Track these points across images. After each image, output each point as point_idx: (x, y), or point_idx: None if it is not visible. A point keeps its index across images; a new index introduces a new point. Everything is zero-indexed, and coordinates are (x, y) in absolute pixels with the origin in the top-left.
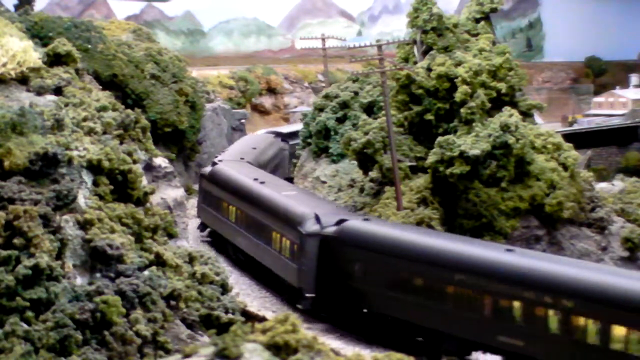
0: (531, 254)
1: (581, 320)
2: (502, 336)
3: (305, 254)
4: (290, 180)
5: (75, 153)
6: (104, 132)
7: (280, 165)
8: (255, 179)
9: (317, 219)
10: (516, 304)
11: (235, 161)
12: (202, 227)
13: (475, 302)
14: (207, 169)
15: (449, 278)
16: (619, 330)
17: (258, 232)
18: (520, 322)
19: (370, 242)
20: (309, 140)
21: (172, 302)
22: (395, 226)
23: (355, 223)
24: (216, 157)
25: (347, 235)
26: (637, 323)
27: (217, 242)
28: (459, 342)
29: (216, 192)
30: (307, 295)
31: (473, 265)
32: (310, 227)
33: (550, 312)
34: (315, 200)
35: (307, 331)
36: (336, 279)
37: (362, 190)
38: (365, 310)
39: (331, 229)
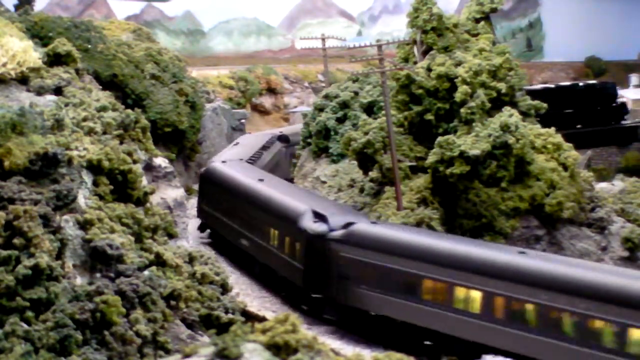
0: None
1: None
2: None
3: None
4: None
5: (75, 153)
6: (104, 132)
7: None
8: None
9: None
10: None
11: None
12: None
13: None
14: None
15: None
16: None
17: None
18: None
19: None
20: (309, 140)
21: (172, 302)
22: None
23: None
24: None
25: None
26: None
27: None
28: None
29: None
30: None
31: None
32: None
33: None
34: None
35: (307, 331)
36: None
37: (362, 190)
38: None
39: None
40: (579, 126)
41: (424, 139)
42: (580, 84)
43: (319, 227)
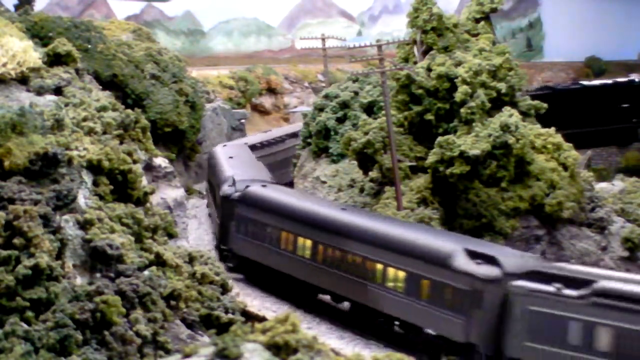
0: None
1: None
2: None
3: None
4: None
5: (75, 153)
6: (104, 132)
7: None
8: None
9: None
10: None
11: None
12: None
13: None
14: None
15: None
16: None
17: None
18: None
19: None
20: (309, 140)
21: (172, 302)
22: None
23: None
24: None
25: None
26: None
27: None
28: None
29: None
30: None
31: None
32: None
33: None
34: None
35: (307, 331)
36: None
37: (362, 190)
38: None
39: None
40: (634, 120)
41: (424, 139)
42: (637, 79)
43: (228, 190)
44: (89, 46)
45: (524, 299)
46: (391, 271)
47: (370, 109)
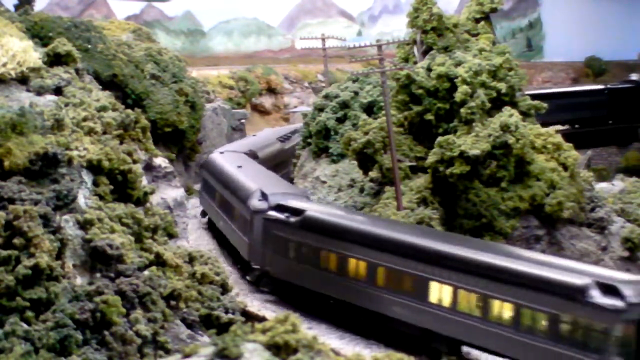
0: None
1: None
2: None
3: None
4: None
5: (75, 153)
6: (104, 132)
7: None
8: None
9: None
10: None
11: None
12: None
13: None
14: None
15: None
16: None
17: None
18: None
19: None
20: (309, 140)
21: (172, 302)
22: None
23: None
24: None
25: None
26: None
27: None
28: None
29: None
30: None
31: None
32: None
33: None
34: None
35: (307, 331)
36: None
37: (362, 190)
38: None
39: None
40: None
41: (424, 139)
42: None
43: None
44: (89, 46)
45: (270, 224)
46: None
47: (370, 109)
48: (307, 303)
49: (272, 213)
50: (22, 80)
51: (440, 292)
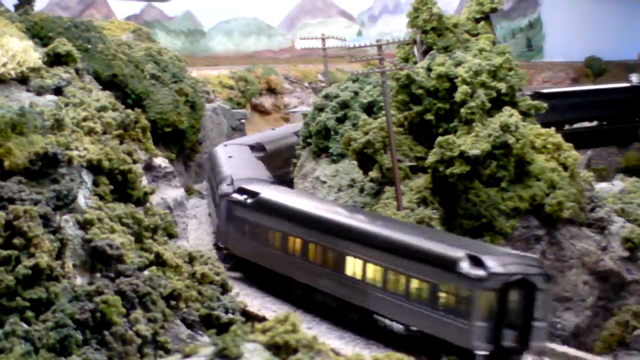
0: None
1: None
2: None
3: None
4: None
5: (75, 153)
6: (104, 132)
7: None
8: None
9: None
10: None
11: None
12: None
13: None
14: None
15: None
16: None
17: None
18: None
19: None
20: (309, 140)
21: (172, 302)
22: None
23: None
24: None
25: None
26: None
27: None
28: None
29: None
30: None
31: None
32: None
33: None
34: None
35: (307, 331)
36: None
37: (362, 190)
38: None
39: None
40: None
41: (424, 139)
42: None
43: None
44: (89, 46)
45: (232, 205)
46: None
47: (370, 109)
48: (265, 281)
49: (235, 196)
50: (22, 80)
51: (354, 266)
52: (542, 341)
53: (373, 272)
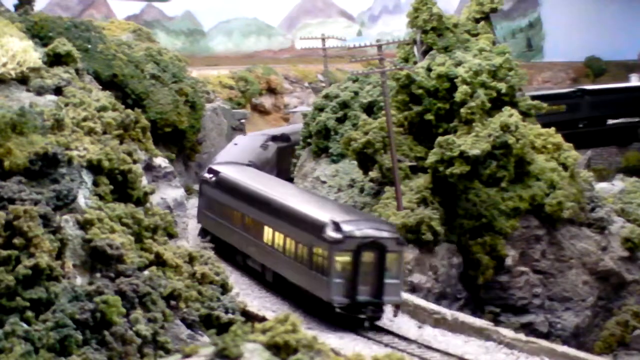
0: None
1: None
2: None
3: None
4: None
5: (75, 153)
6: (104, 132)
7: None
8: None
9: None
10: None
11: None
12: None
13: None
14: None
15: None
16: None
17: None
18: None
19: None
20: (309, 140)
21: (172, 302)
22: None
23: None
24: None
25: None
26: None
27: None
28: None
29: None
30: None
31: None
32: None
33: None
34: None
35: (307, 331)
36: None
37: (362, 190)
38: None
39: None
40: None
41: (424, 139)
42: None
43: None
44: (89, 46)
45: (204, 185)
46: None
47: (370, 109)
48: (226, 253)
49: (205, 175)
50: (22, 80)
51: (267, 234)
52: (395, 296)
53: (278, 238)
